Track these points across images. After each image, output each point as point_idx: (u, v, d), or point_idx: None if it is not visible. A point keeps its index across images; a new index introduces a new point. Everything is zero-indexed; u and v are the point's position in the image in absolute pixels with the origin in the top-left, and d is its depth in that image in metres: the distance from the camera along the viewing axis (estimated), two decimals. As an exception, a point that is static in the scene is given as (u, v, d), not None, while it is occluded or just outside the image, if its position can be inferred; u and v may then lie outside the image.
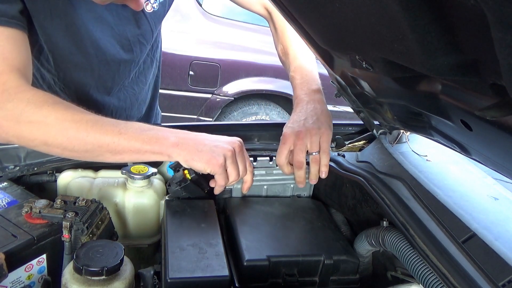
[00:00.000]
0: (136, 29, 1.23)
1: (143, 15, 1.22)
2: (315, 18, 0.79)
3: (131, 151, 0.93)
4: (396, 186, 1.02)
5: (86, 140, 0.92)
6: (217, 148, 0.96)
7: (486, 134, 0.69)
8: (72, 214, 0.89)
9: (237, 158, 0.99)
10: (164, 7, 1.28)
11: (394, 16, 0.52)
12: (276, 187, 1.18)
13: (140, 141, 0.92)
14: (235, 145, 0.99)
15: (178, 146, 0.94)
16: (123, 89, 1.36)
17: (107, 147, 0.92)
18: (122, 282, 0.79)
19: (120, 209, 1.13)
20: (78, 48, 1.18)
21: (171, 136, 0.95)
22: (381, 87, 0.91)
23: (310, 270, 0.98)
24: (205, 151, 0.94)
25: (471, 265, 0.77)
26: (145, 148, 0.93)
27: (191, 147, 0.94)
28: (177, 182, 1.10)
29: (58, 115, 0.92)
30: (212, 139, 0.98)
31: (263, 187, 1.17)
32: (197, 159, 0.94)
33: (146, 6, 1.21)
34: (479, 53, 0.50)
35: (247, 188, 1.08)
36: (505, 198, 0.97)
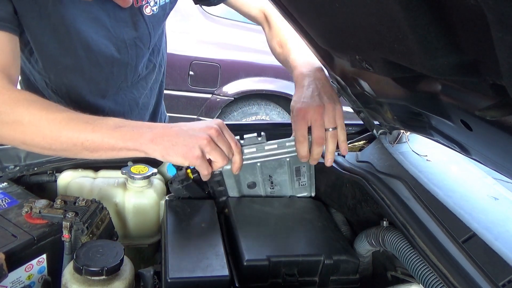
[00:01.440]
0: (133, 31, 1.21)
1: (142, 18, 1.20)
2: (315, 18, 0.79)
3: (106, 149, 0.91)
4: (396, 186, 1.02)
5: (60, 139, 0.90)
6: (191, 139, 0.90)
7: (486, 134, 0.69)
8: (72, 214, 0.89)
9: (217, 143, 0.93)
10: (164, 11, 1.26)
11: (394, 16, 0.52)
12: (270, 163, 1.07)
13: (114, 138, 0.90)
14: (211, 130, 0.93)
15: (153, 141, 0.90)
16: (120, 92, 1.35)
17: (82, 146, 0.90)
18: (122, 282, 0.79)
19: (120, 209, 1.13)
20: (67, 49, 1.16)
21: (146, 132, 0.91)
22: (381, 87, 0.91)
23: (310, 270, 0.98)
24: (180, 145, 0.90)
25: (471, 265, 0.77)
26: (119, 145, 0.90)
27: (165, 142, 0.90)
28: (179, 181, 1.09)
29: (32, 115, 0.91)
30: (186, 130, 0.92)
31: (256, 165, 1.06)
32: (172, 154, 0.90)
33: (145, 9, 1.19)
34: (479, 53, 0.50)
35: (237, 169, 1.00)
36: (505, 198, 0.97)
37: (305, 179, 1.13)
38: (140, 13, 1.19)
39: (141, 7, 1.18)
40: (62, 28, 1.11)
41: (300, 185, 1.14)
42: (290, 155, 1.06)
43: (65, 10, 1.09)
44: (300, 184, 1.14)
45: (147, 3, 1.19)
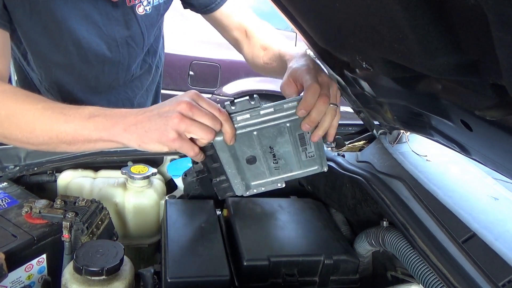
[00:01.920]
0: (125, 30, 1.21)
1: (134, 17, 1.20)
2: (315, 18, 0.79)
3: (83, 141, 0.85)
4: (396, 186, 1.02)
5: (35, 132, 0.86)
6: (162, 121, 0.81)
7: (486, 134, 0.69)
8: (72, 214, 0.89)
9: (193, 117, 0.81)
10: (157, 11, 1.25)
11: (394, 16, 0.52)
12: (268, 131, 0.91)
13: (87, 129, 0.84)
14: (181, 105, 0.81)
15: (126, 131, 0.83)
16: (113, 91, 1.34)
17: (57, 138, 0.86)
18: (122, 282, 0.79)
19: (120, 209, 1.13)
20: (57, 46, 1.16)
21: (119, 121, 0.84)
22: (381, 87, 0.91)
23: (310, 270, 0.98)
24: (152, 130, 0.81)
25: (471, 265, 0.77)
26: (93, 136, 0.84)
27: (138, 130, 0.82)
28: (196, 172, 1.08)
29: (8, 108, 0.88)
30: (157, 112, 0.83)
31: (252, 134, 0.91)
32: (147, 141, 0.82)
33: (137, 9, 1.19)
34: (479, 53, 0.50)
35: (230, 139, 0.87)
36: (505, 198, 0.97)
37: (312, 148, 0.95)
38: (133, 12, 1.18)
39: (133, 6, 1.18)
40: (53, 25, 1.10)
41: (307, 157, 0.96)
42: (290, 119, 0.90)
43: (56, 7, 1.08)
44: (308, 156, 0.96)
45: (139, 3, 1.19)
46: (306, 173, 0.98)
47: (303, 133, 0.93)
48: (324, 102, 0.87)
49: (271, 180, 0.98)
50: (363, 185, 1.08)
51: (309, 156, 0.97)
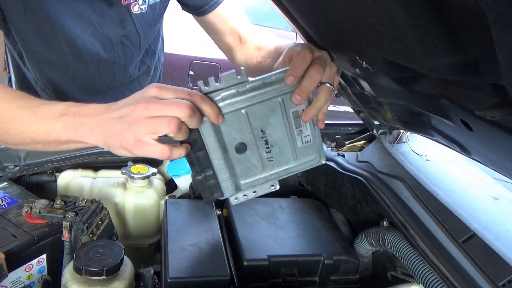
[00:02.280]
0: (120, 29, 1.20)
1: (129, 16, 1.19)
2: (315, 17, 0.79)
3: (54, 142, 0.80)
4: (396, 186, 1.02)
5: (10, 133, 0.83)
6: (120, 126, 0.72)
7: (486, 134, 0.69)
8: (72, 214, 0.89)
9: (154, 114, 0.70)
10: (153, 10, 1.24)
11: (394, 16, 0.52)
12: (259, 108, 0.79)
13: (56, 130, 0.78)
14: (137, 108, 0.71)
15: (92, 132, 0.76)
16: (111, 92, 1.33)
17: (31, 139, 0.81)
18: (122, 282, 0.79)
19: (120, 209, 1.13)
20: (52, 46, 1.15)
21: (85, 121, 0.77)
22: (381, 87, 0.91)
23: (310, 270, 0.98)
24: (114, 136, 0.74)
25: (471, 265, 0.77)
26: (62, 137, 0.78)
27: (102, 133, 0.75)
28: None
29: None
30: (117, 114, 0.74)
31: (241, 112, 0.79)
32: (112, 146, 0.75)
33: (133, 7, 1.18)
34: (479, 53, 0.50)
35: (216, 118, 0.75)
36: (505, 198, 0.97)
37: (308, 131, 0.84)
38: (128, 11, 1.18)
39: (128, 5, 1.17)
40: (46, 23, 1.10)
41: (304, 142, 0.84)
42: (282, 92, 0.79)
43: (50, 6, 1.07)
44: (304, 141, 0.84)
45: (135, 1, 1.18)
46: (303, 165, 0.85)
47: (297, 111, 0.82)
48: (317, 71, 0.77)
49: (264, 176, 0.85)
50: (363, 185, 1.08)
51: (306, 142, 0.85)
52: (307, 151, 0.85)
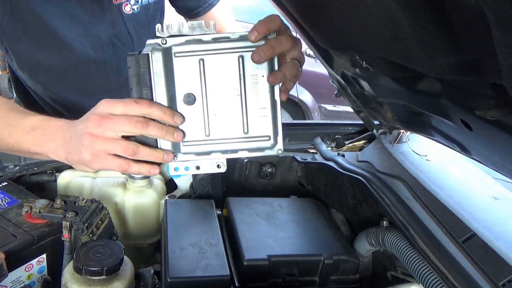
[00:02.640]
0: (110, 29, 1.18)
1: (120, 15, 1.17)
2: (315, 18, 0.79)
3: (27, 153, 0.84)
4: (396, 186, 1.02)
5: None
6: (77, 143, 0.74)
7: (486, 134, 0.69)
8: (72, 214, 0.89)
9: (107, 133, 0.70)
10: (146, 11, 1.21)
11: (394, 16, 0.52)
12: (216, 59, 0.75)
13: (27, 143, 0.81)
14: (90, 125, 0.71)
15: (56, 149, 0.79)
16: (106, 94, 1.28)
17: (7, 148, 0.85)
18: (122, 282, 0.79)
19: (120, 209, 1.13)
20: (40, 45, 1.14)
21: (51, 137, 0.79)
22: (381, 87, 0.91)
23: (310, 270, 0.98)
24: (73, 152, 0.76)
25: (471, 265, 0.77)
26: (32, 150, 0.82)
27: (64, 151, 0.78)
28: None
29: None
30: (73, 132, 0.76)
31: (197, 59, 0.74)
32: (73, 163, 0.78)
33: (124, 7, 1.16)
34: (479, 53, 0.50)
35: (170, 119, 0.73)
36: (505, 198, 0.97)
37: (266, 104, 0.76)
38: (119, 10, 1.16)
39: (120, 4, 1.16)
40: (34, 23, 1.09)
41: (258, 116, 0.76)
42: (244, 50, 0.74)
43: (38, 5, 1.06)
44: (258, 114, 0.76)
45: (127, 1, 1.16)
46: (254, 147, 0.76)
47: (257, 76, 0.75)
48: (286, 38, 0.74)
49: (208, 143, 0.76)
50: (363, 185, 1.08)
51: (261, 115, 0.76)
52: (259, 127, 0.76)
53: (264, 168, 1.35)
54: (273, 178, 1.37)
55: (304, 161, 1.32)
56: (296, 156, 1.34)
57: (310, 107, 3.95)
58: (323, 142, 1.40)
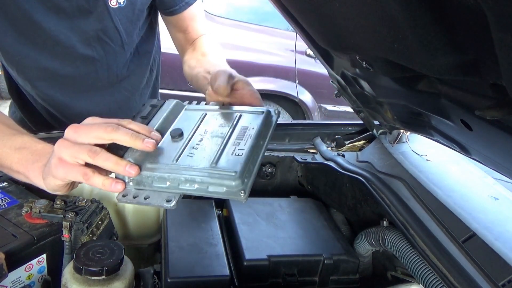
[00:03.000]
0: (96, 23, 1.16)
1: (106, 9, 1.15)
2: (315, 18, 0.79)
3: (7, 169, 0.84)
4: (396, 186, 1.02)
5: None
6: (47, 168, 0.75)
7: (486, 134, 0.69)
8: (72, 214, 0.89)
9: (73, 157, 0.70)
10: (133, 6, 1.19)
11: (394, 16, 0.52)
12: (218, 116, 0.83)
13: (11, 160, 0.82)
14: (58, 149, 0.71)
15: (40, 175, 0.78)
16: (98, 93, 1.30)
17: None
18: (122, 282, 0.79)
19: (120, 209, 1.13)
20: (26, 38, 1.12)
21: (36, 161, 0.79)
22: (381, 87, 0.91)
23: (310, 270, 0.98)
24: (46, 179, 0.76)
25: (471, 265, 0.77)
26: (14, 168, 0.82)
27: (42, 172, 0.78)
28: None
29: None
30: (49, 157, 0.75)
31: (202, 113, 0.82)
32: (48, 189, 0.78)
33: (110, 1, 1.14)
34: (479, 53, 0.50)
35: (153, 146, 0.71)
36: (505, 198, 0.97)
37: (245, 147, 0.73)
38: (105, 4, 1.14)
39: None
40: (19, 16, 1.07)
41: (232, 154, 0.72)
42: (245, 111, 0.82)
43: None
44: (234, 153, 0.73)
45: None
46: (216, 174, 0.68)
47: (247, 128, 0.78)
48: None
49: (171, 168, 0.70)
50: (363, 185, 1.08)
51: (235, 154, 0.72)
52: (229, 163, 0.70)
53: (264, 168, 1.35)
54: (273, 178, 1.37)
55: (304, 161, 1.32)
56: (296, 156, 1.34)
57: (310, 107, 3.95)
58: (323, 142, 1.40)
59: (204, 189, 0.68)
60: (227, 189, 0.67)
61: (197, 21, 1.34)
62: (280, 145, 1.40)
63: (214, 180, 0.67)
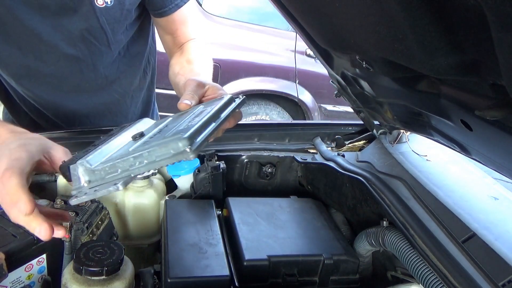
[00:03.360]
0: (81, 22, 1.13)
1: (92, 8, 1.12)
2: (315, 18, 0.79)
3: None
4: (396, 186, 1.02)
5: None
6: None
7: (486, 134, 0.69)
8: (72, 214, 0.89)
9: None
10: (121, 6, 1.16)
11: (394, 16, 0.52)
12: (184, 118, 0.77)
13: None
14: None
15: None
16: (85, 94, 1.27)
17: None
18: (122, 282, 0.79)
19: (120, 209, 1.13)
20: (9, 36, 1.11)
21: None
22: (381, 87, 0.91)
23: (310, 270, 0.98)
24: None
25: (471, 265, 0.77)
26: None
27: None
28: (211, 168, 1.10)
29: None
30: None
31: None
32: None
33: (97, 1, 1.11)
34: (479, 53, 0.50)
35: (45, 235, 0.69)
36: (505, 198, 0.97)
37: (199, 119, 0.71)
38: (90, 3, 1.11)
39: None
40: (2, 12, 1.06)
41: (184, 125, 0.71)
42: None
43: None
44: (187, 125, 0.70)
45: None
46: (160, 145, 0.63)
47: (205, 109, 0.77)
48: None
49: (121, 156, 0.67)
50: (363, 185, 1.08)
51: (188, 125, 0.69)
52: (179, 131, 0.67)
53: (264, 168, 1.35)
54: (273, 178, 1.37)
55: (304, 161, 1.32)
56: (296, 156, 1.34)
57: (310, 107, 3.95)
58: (323, 142, 1.40)
59: (152, 161, 0.64)
60: (173, 152, 0.62)
61: (187, 25, 1.31)
62: (280, 145, 1.40)
63: (162, 148, 0.63)
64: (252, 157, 1.33)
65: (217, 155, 1.24)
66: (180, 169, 1.22)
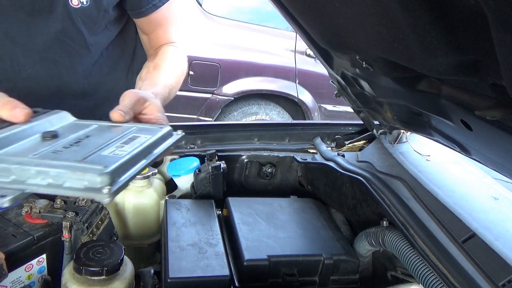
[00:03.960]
0: (56, 23, 1.09)
1: (66, 9, 1.07)
2: (315, 18, 0.79)
3: None
4: (396, 186, 1.02)
5: None
6: None
7: (486, 134, 0.69)
8: (72, 214, 0.89)
9: None
10: (98, 6, 1.11)
11: (394, 16, 0.52)
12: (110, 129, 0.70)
13: None
14: None
15: None
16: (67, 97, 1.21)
17: None
18: (122, 282, 0.79)
19: (120, 209, 1.13)
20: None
21: None
22: (381, 87, 0.91)
23: (310, 270, 0.98)
24: None
25: (471, 265, 0.77)
26: None
27: None
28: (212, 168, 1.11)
29: None
30: None
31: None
32: None
33: (71, 1, 1.07)
34: (479, 53, 0.50)
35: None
36: (505, 198, 0.97)
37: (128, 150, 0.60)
38: (64, 4, 1.07)
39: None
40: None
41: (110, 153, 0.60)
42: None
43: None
44: (113, 153, 0.60)
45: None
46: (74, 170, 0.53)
47: (140, 138, 0.67)
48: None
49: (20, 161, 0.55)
50: (363, 185, 1.08)
51: (113, 154, 0.60)
52: (101, 160, 0.56)
53: (264, 168, 1.35)
54: (273, 178, 1.37)
55: (304, 161, 1.32)
56: (296, 156, 1.34)
57: (310, 107, 3.95)
58: (323, 142, 1.40)
59: (58, 185, 0.53)
60: (87, 185, 0.52)
61: (166, 27, 1.24)
62: (280, 145, 1.40)
63: (75, 174, 0.52)
64: (252, 157, 1.33)
65: (217, 155, 1.24)
66: (180, 169, 1.23)
